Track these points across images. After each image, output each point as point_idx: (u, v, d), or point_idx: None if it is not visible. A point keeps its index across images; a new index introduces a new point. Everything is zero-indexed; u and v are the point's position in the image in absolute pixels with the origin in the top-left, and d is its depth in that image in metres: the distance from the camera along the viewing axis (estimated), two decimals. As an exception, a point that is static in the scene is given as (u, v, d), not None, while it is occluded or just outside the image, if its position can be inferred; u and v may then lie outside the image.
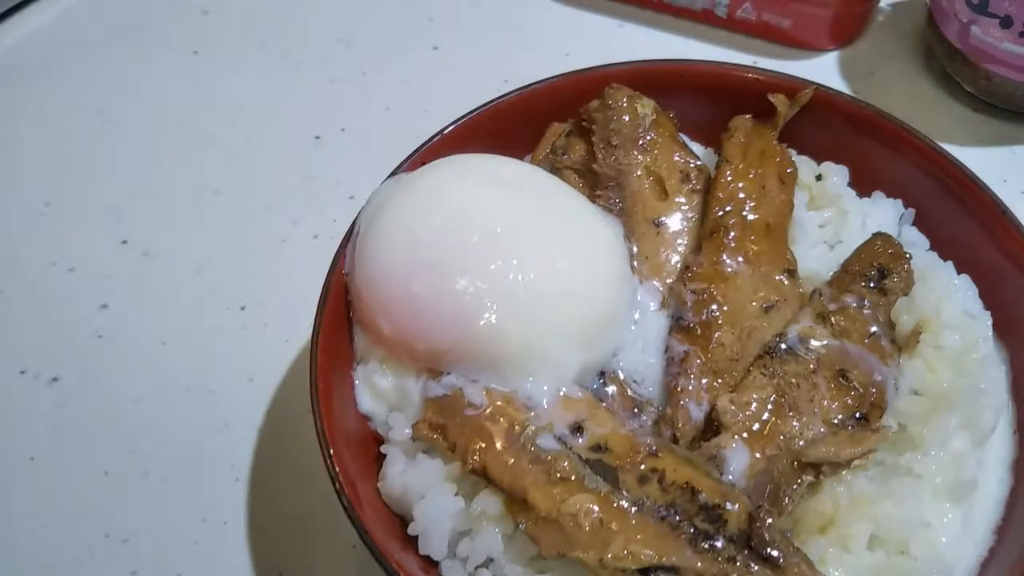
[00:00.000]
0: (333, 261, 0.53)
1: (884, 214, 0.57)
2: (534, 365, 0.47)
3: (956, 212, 0.55)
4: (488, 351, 0.47)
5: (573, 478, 0.45)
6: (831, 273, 0.54)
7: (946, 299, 0.51)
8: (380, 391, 0.51)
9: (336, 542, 0.57)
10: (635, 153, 0.56)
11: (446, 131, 0.57)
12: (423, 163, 0.56)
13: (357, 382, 0.52)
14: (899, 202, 0.58)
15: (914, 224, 0.58)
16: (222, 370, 0.65)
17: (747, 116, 0.58)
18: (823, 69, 0.80)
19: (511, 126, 0.59)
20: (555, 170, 0.57)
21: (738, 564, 0.43)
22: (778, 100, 0.57)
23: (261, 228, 0.72)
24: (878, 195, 0.58)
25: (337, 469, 0.46)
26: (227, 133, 0.78)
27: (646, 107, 0.57)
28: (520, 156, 0.60)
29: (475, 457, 0.46)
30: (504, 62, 0.81)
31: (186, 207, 0.73)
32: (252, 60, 0.84)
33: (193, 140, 0.78)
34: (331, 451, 0.46)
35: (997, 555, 0.46)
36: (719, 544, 0.44)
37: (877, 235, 0.54)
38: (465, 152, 0.57)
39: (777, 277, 0.52)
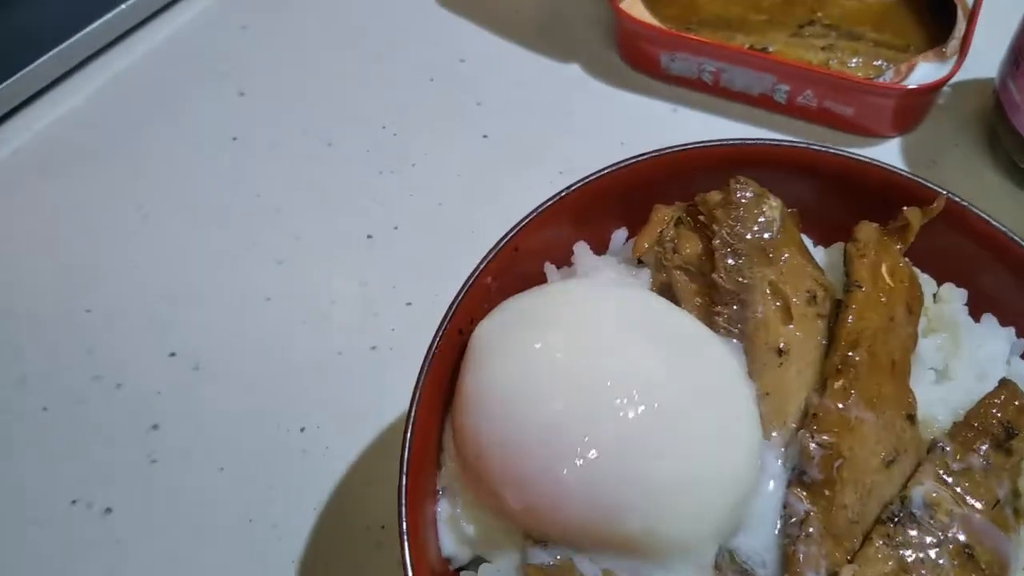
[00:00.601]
0: (417, 388, 0.47)
1: (997, 344, 0.53)
2: (673, 554, 0.43)
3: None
4: (630, 542, 0.42)
5: None
6: (942, 414, 0.50)
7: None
8: (467, 538, 0.47)
9: None
10: (761, 266, 0.50)
11: (532, 217, 0.53)
12: (515, 248, 0.52)
13: (441, 522, 0.48)
14: (1012, 331, 0.54)
15: (1027, 357, 0.53)
16: (283, 499, 0.60)
17: (872, 225, 0.53)
18: (886, 156, 0.77)
19: (596, 211, 0.55)
20: (662, 267, 0.52)
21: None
22: (912, 214, 0.53)
23: (316, 339, 0.67)
24: (989, 320, 0.54)
25: None
26: (273, 231, 0.74)
27: (775, 209, 0.51)
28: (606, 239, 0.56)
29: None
30: (557, 149, 0.78)
31: (234, 316, 0.69)
32: (294, 147, 0.80)
33: (238, 240, 0.73)
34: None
35: None
36: None
37: (1003, 384, 0.50)
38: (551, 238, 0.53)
39: (899, 423, 0.48)
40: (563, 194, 0.54)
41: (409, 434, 0.46)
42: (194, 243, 0.73)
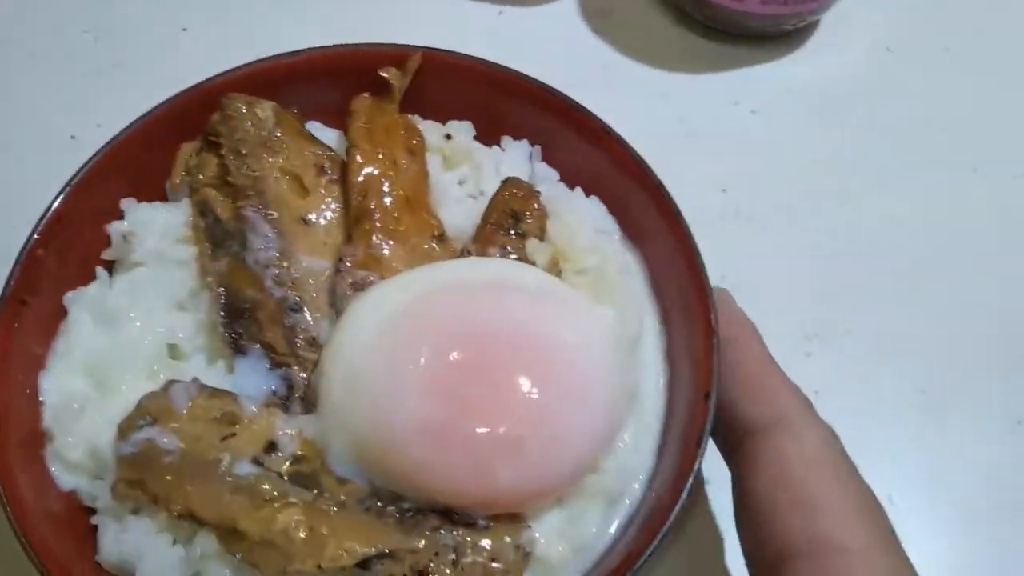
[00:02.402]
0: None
1: (515, 157, 0.61)
2: None
3: (573, 140, 0.60)
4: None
5: (276, 495, 0.47)
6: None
7: (578, 225, 0.57)
8: (75, 463, 0.51)
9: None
10: (266, 157, 0.57)
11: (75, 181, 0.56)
12: (59, 220, 0.55)
13: (51, 463, 0.51)
14: (525, 142, 0.62)
15: (543, 159, 0.62)
16: None
17: (366, 96, 0.60)
18: (564, 13, 0.85)
19: (143, 159, 0.58)
20: (194, 190, 0.57)
21: (442, 533, 0.47)
22: (390, 74, 0.60)
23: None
24: (506, 140, 0.62)
25: (40, 558, 0.45)
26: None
27: (266, 110, 0.58)
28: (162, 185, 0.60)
29: (179, 502, 0.47)
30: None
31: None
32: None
33: None
34: (29, 540, 0.46)
35: (667, 440, 0.52)
36: (424, 517, 0.47)
37: (506, 181, 0.58)
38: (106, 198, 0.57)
39: (426, 246, 0.56)
40: (91, 162, 0.57)
41: None
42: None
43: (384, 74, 0.60)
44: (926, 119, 0.79)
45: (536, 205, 0.57)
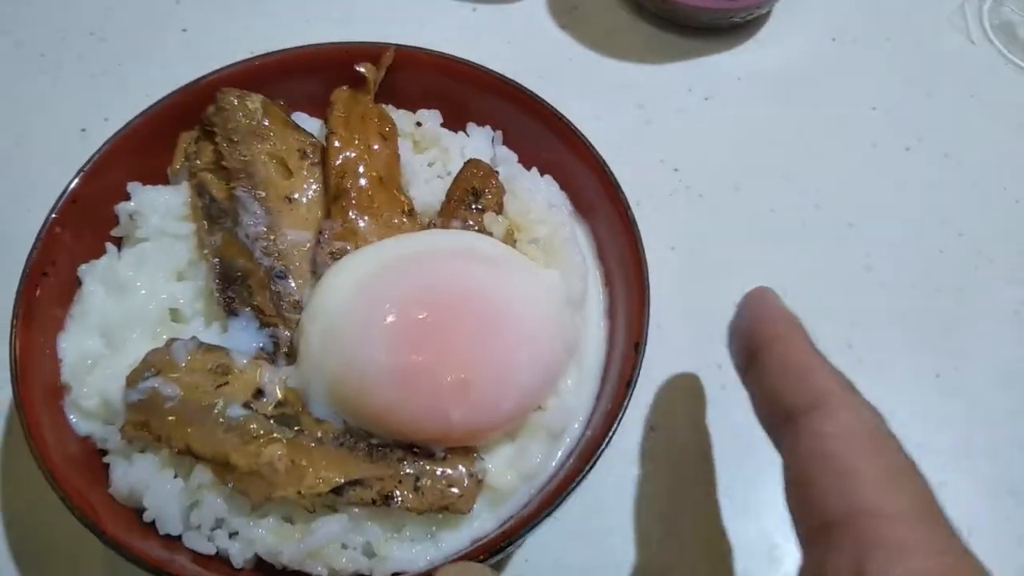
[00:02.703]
0: (15, 320, 0.58)
1: (478, 141, 0.69)
2: None
3: (530, 125, 0.67)
4: None
5: (262, 434, 0.55)
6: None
7: (532, 200, 0.64)
8: (89, 412, 0.58)
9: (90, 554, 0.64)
10: (256, 143, 0.64)
11: (87, 167, 0.63)
12: (74, 200, 0.62)
13: (69, 412, 0.59)
14: (488, 128, 0.69)
15: (504, 143, 0.69)
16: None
17: (344, 88, 0.67)
18: (531, 9, 0.91)
19: (146, 147, 0.66)
20: (192, 174, 0.64)
21: (405, 463, 0.54)
22: (366, 68, 0.67)
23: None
24: (471, 126, 0.69)
25: (63, 488, 0.53)
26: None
27: (255, 102, 0.65)
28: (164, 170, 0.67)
29: (179, 440, 0.54)
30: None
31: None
32: (9, 59, 0.87)
33: None
34: (53, 476, 0.53)
35: (604, 387, 0.60)
36: (390, 450, 0.55)
37: (469, 162, 0.65)
38: (114, 182, 0.64)
39: (396, 220, 0.63)
40: (101, 150, 0.64)
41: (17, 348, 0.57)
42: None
43: (360, 69, 0.67)
44: (863, 102, 0.86)
45: (494, 183, 0.64)
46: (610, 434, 0.53)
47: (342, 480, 0.53)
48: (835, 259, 0.77)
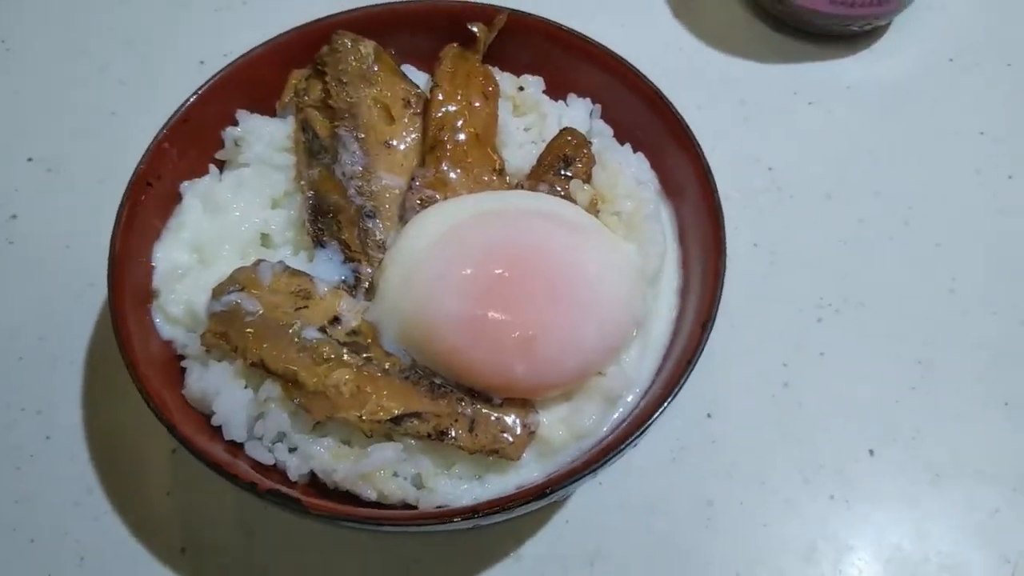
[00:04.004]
0: (118, 225, 0.61)
1: (577, 112, 0.70)
2: None
3: (630, 101, 0.68)
4: None
5: (333, 358, 0.57)
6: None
7: (620, 174, 0.65)
8: (174, 317, 0.61)
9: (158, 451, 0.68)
10: (363, 87, 0.66)
11: (201, 91, 0.66)
12: (186, 120, 0.66)
13: (155, 316, 0.62)
14: (588, 100, 0.70)
15: (602, 117, 0.70)
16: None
17: (454, 44, 0.69)
18: None
19: (259, 80, 0.69)
20: (299, 109, 0.67)
21: (463, 404, 0.56)
22: (478, 28, 0.69)
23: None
24: (571, 97, 0.70)
25: (143, 384, 0.56)
26: (122, 61, 0.88)
27: (368, 47, 0.67)
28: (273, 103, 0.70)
29: (254, 353, 0.57)
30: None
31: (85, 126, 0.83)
32: None
33: (91, 66, 0.87)
34: (135, 370, 0.57)
35: (665, 364, 0.60)
36: (451, 390, 0.57)
37: (564, 130, 0.66)
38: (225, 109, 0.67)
39: (486, 177, 0.65)
40: (215, 77, 0.67)
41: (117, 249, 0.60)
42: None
43: (473, 28, 0.69)
44: (972, 126, 0.84)
45: (586, 152, 0.65)
46: (664, 405, 0.54)
47: (402, 411, 0.55)
48: (918, 277, 0.76)
